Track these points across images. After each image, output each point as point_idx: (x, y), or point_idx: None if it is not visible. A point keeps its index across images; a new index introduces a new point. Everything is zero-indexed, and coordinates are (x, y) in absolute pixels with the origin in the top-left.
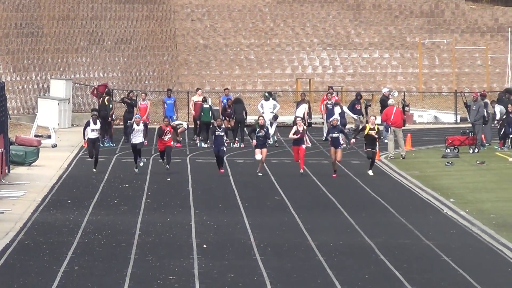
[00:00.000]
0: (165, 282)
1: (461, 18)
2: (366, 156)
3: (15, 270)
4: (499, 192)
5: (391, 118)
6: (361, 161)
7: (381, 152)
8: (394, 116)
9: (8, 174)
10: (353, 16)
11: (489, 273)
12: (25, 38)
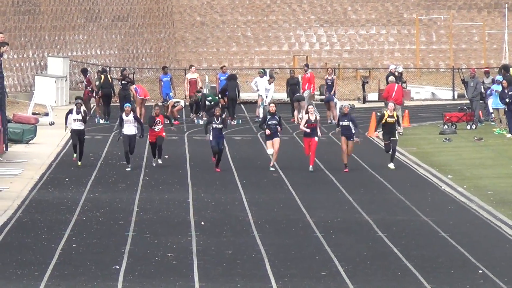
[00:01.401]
0: (163, 259)
1: None
2: (385, 149)
3: (13, 248)
4: (497, 168)
5: (393, 95)
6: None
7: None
8: (396, 93)
9: (5, 152)
10: None
11: (487, 249)
12: (22, 15)
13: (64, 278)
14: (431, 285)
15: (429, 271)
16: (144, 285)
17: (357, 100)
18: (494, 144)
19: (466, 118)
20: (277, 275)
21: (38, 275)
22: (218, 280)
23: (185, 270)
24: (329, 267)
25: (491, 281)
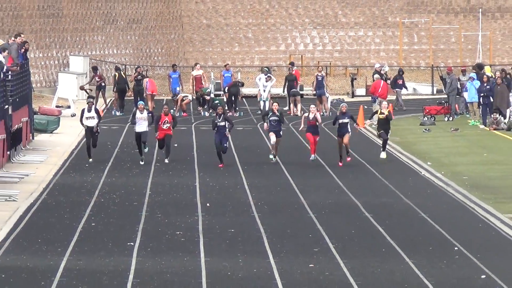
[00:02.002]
0: (173, 237)
1: (437, 0)
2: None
3: (39, 226)
4: (471, 156)
5: (379, 90)
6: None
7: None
8: (382, 89)
9: (32, 140)
10: None
11: (462, 228)
12: (46, 19)
13: (84, 254)
14: (412, 261)
15: (410, 248)
16: (156, 260)
17: (347, 95)
18: (469, 134)
19: (443, 111)
20: (274, 251)
21: (61, 251)
22: (222, 256)
23: (192, 246)
24: (321, 244)
25: (465, 257)
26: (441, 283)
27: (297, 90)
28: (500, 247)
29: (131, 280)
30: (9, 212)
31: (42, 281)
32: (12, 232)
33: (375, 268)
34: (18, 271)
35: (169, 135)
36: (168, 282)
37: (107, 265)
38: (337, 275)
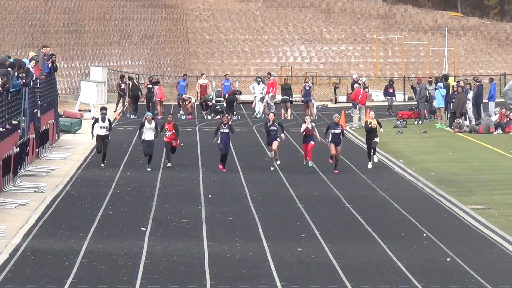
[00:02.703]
0: (179, 223)
1: (408, 20)
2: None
3: (63, 214)
4: (437, 155)
5: (359, 97)
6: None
7: (347, 124)
8: (361, 96)
9: (58, 140)
10: (325, 17)
11: (430, 217)
12: (70, 34)
13: (102, 238)
14: (386, 245)
15: (385, 234)
16: (165, 244)
17: (330, 101)
18: (436, 136)
19: (414, 115)
20: (267, 236)
21: (82, 235)
22: (222, 240)
23: (196, 232)
24: (308, 230)
25: (433, 242)
26: (411, 264)
27: (287, 97)
28: (463, 234)
29: (143, 261)
30: (38, 201)
31: (66, 262)
32: (40, 219)
33: (354, 252)
34: (45, 253)
35: (169, 142)
36: (175, 263)
37: (122, 248)
38: (321, 257)
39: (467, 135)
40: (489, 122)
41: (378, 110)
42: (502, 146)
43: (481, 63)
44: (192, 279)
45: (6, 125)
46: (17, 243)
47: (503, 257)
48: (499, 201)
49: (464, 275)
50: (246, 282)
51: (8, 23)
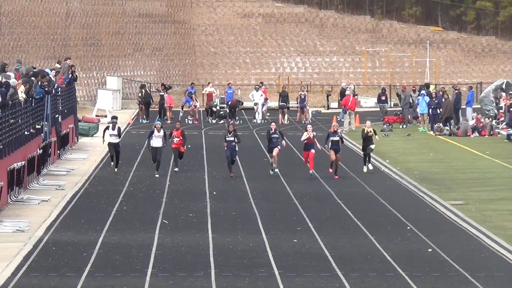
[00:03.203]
0: (187, 218)
1: (394, 34)
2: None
3: (82, 210)
4: (420, 155)
5: (349, 104)
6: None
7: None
8: (351, 103)
9: (77, 142)
10: (318, 32)
11: (413, 212)
12: (89, 47)
13: (117, 231)
14: (373, 237)
15: (372, 227)
16: (173, 236)
17: (323, 107)
18: (419, 138)
19: (399, 120)
20: (266, 229)
21: (99, 229)
22: (225, 233)
23: (202, 226)
24: (303, 224)
25: (416, 234)
26: (396, 254)
27: (285, 104)
28: (443, 227)
29: (154, 251)
30: (59, 198)
31: (84, 252)
32: (61, 214)
33: (345, 243)
34: (65, 244)
35: (177, 148)
36: (183, 253)
37: (135, 240)
38: (315, 248)
39: (447, 137)
40: (466, 126)
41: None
42: (478, 147)
43: (460, 73)
44: (198, 268)
45: (31, 129)
46: (40, 235)
47: (479, 248)
48: (476, 198)
49: (444, 264)
50: (247, 271)
51: (33, 37)
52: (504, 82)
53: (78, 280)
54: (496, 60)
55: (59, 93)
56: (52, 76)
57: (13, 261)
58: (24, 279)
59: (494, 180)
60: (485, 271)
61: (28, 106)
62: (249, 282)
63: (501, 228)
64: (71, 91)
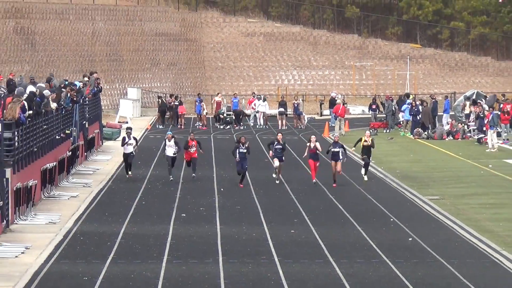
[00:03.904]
0: (197, 211)
1: (378, 50)
2: (363, 161)
3: (106, 204)
4: (402, 156)
5: (339, 111)
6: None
7: (331, 132)
8: (341, 110)
9: (101, 145)
10: (312, 48)
11: (396, 205)
12: (112, 62)
13: (137, 223)
14: (361, 228)
15: (360, 219)
16: (186, 227)
17: (316, 114)
18: (400, 142)
19: (383, 125)
20: (267, 221)
21: (121, 221)
22: (231, 225)
23: (211, 218)
24: (299, 216)
25: (398, 225)
26: (381, 243)
27: (283, 110)
28: (422, 219)
29: (169, 241)
30: (86, 194)
31: (108, 242)
32: (87, 208)
33: (336, 233)
34: (91, 234)
35: (195, 158)
36: (194, 242)
37: (152, 230)
38: (310, 237)
39: (425, 141)
40: (442, 131)
41: (354, 121)
42: (453, 149)
43: (436, 84)
44: (208, 255)
45: (61, 134)
46: (69, 227)
47: (453, 237)
48: (450, 193)
49: (423, 252)
50: (250, 258)
51: (62, 54)
52: (474, 92)
53: (103, 266)
54: (467, 73)
55: (86, 102)
56: (80, 87)
57: (45, 249)
58: (55, 265)
59: (466, 178)
60: (458, 258)
61: (58, 114)
62: (252, 267)
63: (472, 220)
64: (97, 101)
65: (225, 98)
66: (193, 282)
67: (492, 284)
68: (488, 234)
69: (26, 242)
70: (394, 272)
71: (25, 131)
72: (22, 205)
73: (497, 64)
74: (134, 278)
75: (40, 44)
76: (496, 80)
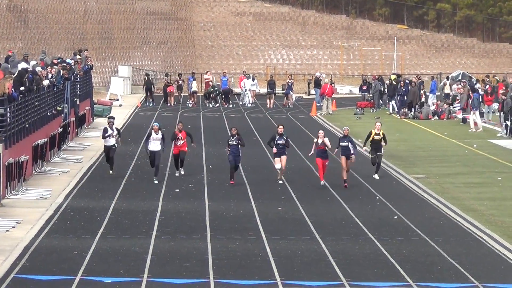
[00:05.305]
0: (187, 188)
1: (366, 31)
2: (371, 162)
3: (96, 180)
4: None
5: (326, 91)
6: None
7: (318, 111)
8: (328, 90)
9: (92, 122)
10: (301, 29)
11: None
12: (103, 40)
13: (126, 199)
14: (347, 205)
15: (346, 197)
16: (175, 203)
17: (304, 94)
18: (387, 121)
19: (370, 105)
20: (255, 198)
21: (111, 196)
22: (220, 201)
23: (199, 194)
24: (286, 194)
25: (384, 204)
26: (367, 221)
27: (272, 90)
28: (407, 197)
29: (158, 216)
30: (76, 170)
31: (98, 217)
32: (78, 183)
33: (322, 210)
34: (82, 210)
35: (184, 151)
36: (183, 218)
37: (142, 206)
38: (297, 214)
39: (411, 120)
40: (428, 111)
41: (342, 100)
42: (438, 129)
43: (422, 65)
44: (196, 231)
45: (53, 111)
46: (60, 202)
47: (437, 215)
48: (435, 172)
49: (407, 229)
50: (238, 234)
51: (55, 31)
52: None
53: (92, 241)
54: (453, 54)
55: (78, 79)
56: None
57: (36, 224)
58: (45, 239)
59: (451, 157)
60: (442, 236)
61: (50, 91)
62: (239, 243)
63: (457, 198)
64: (88, 78)
65: (215, 76)
66: (181, 257)
67: (476, 262)
68: (472, 212)
69: (17, 217)
70: (380, 249)
71: (17, 107)
72: (13, 180)
73: (482, 46)
74: (123, 253)
75: (33, 22)
76: (481, 61)
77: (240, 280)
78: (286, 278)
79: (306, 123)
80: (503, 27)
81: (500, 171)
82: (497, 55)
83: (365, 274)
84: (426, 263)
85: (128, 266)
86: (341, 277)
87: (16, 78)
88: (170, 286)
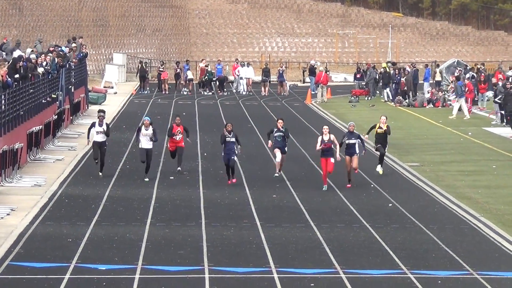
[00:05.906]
0: (181, 175)
1: (361, 18)
2: (378, 152)
3: (91, 167)
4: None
5: (321, 79)
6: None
7: (313, 99)
8: (323, 78)
9: (87, 109)
10: (296, 16)
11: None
12: (98, 27)
13: (121, 186)
14: (342, 193)
15: (341, 185)
16: (170, 191)
17: (299, 81)
18: (382, 109)
19: (364, 93)
20: (250, 185)
21: (105, 184)
22: (214, 189)
23: (194, 182)
24: (281, 182)
25: (378, 191)
26: (362, 208)
27: (266, 78)
28: (402, 185)
29: (153, 204)
30: (71, 157)
31: (92, 205)
32: (73, 171)
33: (317, 198)
34: (76, 197)
35: (181, 147)
36: (178, 206)
37: (137, 193)
38: (291, 202)
39: (406, 108)
40: (423, 98)
41: (336, 88)
42: (433, 117)
43: (417, 53)
44: (191, 219)
45: (47, 98)
46: (55, 189)
47: (432, 203)
48: (430, 160)
49: (402, 217)
50: (233, 221)
51: (49, 19)
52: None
53: (87, 228)
54: (448, 42)
55: (72, 67)
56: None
57: (31, 211)
58: (40, 227)
59: (446, 145)
60: (437, 223)
61: (45, 78)
62: (234, 231)
63: (451, 186)
64: (83, 66)
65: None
66: (176, 244)
67: (470, 249)
68: (467, 200)
69: (11, 204)
70: (374, 236)
71: (12, 94)
72: (8, 168)
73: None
74: (117, 240)
75: (28, 9)
76: (476, 49)
77: (235, 267)
78: (281, 265)
79: (301, 111)
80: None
81: (495, 159)
82: (492, 43)
83: (360, 262)
84: (420, 251)
85: (123, 254)
86: (335, 265)
87: (11, 65)
88: (164, 273)
